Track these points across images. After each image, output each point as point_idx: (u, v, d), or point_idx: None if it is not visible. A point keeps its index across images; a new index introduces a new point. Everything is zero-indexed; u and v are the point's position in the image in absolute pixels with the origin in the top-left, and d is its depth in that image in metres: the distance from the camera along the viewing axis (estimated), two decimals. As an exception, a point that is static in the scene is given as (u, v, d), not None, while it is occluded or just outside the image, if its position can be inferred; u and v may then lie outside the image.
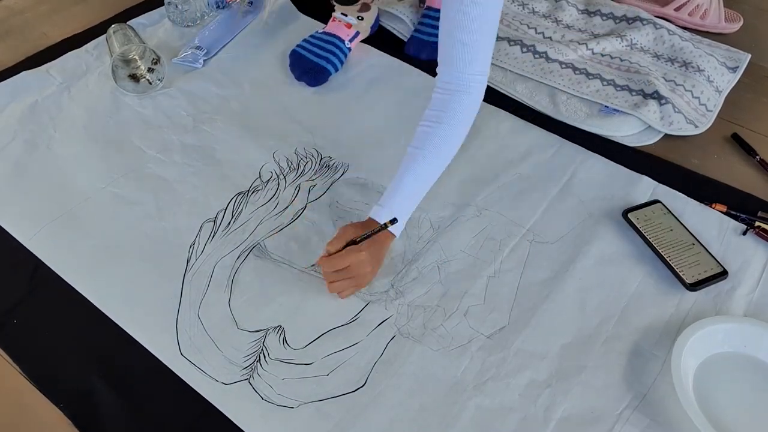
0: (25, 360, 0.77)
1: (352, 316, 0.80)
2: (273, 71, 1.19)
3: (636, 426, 0.70)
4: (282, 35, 1.27)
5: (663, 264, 0.84)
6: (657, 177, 0.98)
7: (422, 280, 0.84)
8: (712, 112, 1.11)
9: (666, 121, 1.07)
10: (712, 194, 0.96)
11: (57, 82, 1.15)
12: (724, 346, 0.76)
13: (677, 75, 1.16)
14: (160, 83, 1.14)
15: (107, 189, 0.96)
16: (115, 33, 1.17)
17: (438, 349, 0.77)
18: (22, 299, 0.83)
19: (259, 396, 0.72)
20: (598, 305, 0.82)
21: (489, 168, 0.99)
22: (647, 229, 0.87)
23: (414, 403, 0.72)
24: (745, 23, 1.34)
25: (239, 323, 0.79)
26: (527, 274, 0.85)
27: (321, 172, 0.99)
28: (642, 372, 0.75)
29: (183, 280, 0.84)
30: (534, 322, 0.80)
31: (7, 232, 0.90)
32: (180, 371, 0.75)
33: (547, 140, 1.04)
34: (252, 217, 0.92)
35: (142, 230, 0.90)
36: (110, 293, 0.83)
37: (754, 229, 0.90)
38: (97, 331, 0.79)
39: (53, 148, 1.02)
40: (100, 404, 0.72)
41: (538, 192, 0.96)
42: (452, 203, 0.94)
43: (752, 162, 1.04)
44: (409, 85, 1.15)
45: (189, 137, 1.05)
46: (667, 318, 0.80)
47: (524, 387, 0.74)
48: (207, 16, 1.32)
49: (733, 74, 1.19)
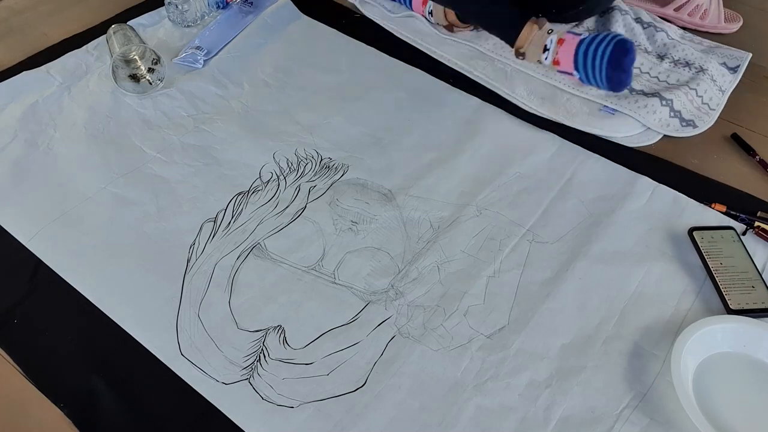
0: (25, 360, 0.77)
1: (352, 316, 0.80)
2: (273, 71, 1.19)
3: (636, 425, 0.70)
4: (282, 35, 1.28)
5: (712, 286, 0.83)
6: (657, 177, 0.98)
7: (422, 280, 0.84)
8: (714, 110, 1.11)
9: (664, 122, 1.07)
10: (711, 194, 0.96)
11: (57, 82, 1.15)
12: (723, 346, 0.76)
13: (680, 75, 1.16)
14: (160, 83, 1.14)
15: (107, 189, 0.96)
16: (116, 33, 1.18)
17: (438, 349, 0.77)
18: (22, 299, 0.83)
19: (259, 396, 0.72)
20: (598, 305, 0.82)
21: (489, 168, 0.99)
22: (708, 250, 0.86)
23: (414, 403, 0.72)
24: (745, 23, 1.34)
25: (239, 323, 0.79)
26: (527, 274, 0.85)
27: (321, 173, 0.99)
28: (642, 372, 0.75)
29: (183, 280, 0.84)
30: (534, 322, 0.80)
31: (7, 232, 0.90)
32: (180, 371, 0.75)
33: (547, 140, 1.05)
34: (252, 217, 0.92)
35: (142, 230, 0.90)
36: (110, 293, 0.83)
37: (753, 229, 0.90)
38: (97, 331, 0.79)
39: (53, 148, 1.02)
40: (100, 404, 0.72)
41: (538, 192, 0.96)
42: (452, 203, 0.94)
43: (752, 162, 1.04)
44: (410, 85, 1.15)
45: (189, 137, 1.05)
46: (667, 318, 0.80)
47: (524, 387, 0.74)
48: (207, 16, 1.32)
49: (734, 74, 1.19)
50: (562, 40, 1.05)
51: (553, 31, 1.06)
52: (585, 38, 1.03)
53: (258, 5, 1.35)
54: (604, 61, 1.01)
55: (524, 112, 1.11)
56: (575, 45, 1.04)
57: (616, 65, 0.99)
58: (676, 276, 0.85)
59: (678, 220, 0.92)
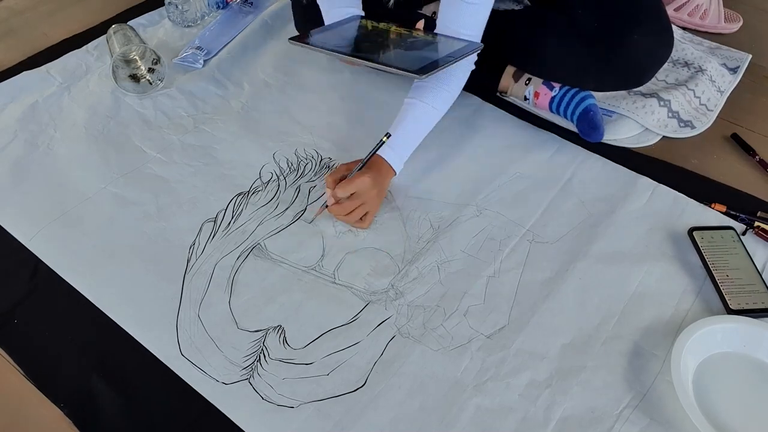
0: (25, 360, 0.77)
1: (352, 316, 0.80)
2: (273, 71, 1.19)
3: (636, 425, 0.70)
4: (282, 35, 1.28)
5: (712, 286, 0.83)
6: (657, 177, 0.98)
7: (422, 280, 0.84)
8: (712, 111, 1.11)
9: (663, 123, 1.07)
10: (711, 194, 0.96)
11: (57, 82, 1.15)
12: (723, 346, 0.76)
13: (678, 74, 1.16)
14: (160, 83, 1.14)
15: (107, 189, 0.96)
16: (116, 33, 1.18)
17: (438, 349, 0.77)
18: (22, 299, 0.83)
19: (259, 396, 0.72)
20: (598, 305, 0.82)
21: (489, 168, 0.99)
22: (708, 250, 0.86)
23: (414, 403, 0.72)
24: (745, 23, 1.34)
25: (239, 323, 0.79)
26: (527, 274, 0.85)
27: (321, 173, 0.99)
28: (642, 372, 0.75)
29: (183, 280, 0.84)
30: (534, 322, 0.80)
31: (7, 232, 0.90)
32: (180, 371, 0.75)
33: (547, 140, 1.05)
34: (252, 217, 0.92)
35: (142, 230, 0.90)
36: (110, 293, 0.83)
37: (753, 229, 0.90)
38: (97, 331, 0.79)
39: (53, 148, 1.02)
40: (100, 404, 0.72)
41: (538, 192, 0.96)
42: (452, 203, 0.94)
43: (752, 162, 1.04)
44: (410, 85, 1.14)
45: (189, 137, 1.05)
46: (667, 318, 0.80)
47: (524, 387, 0.74)
48: (207, 16, 1.32)
49: (734, 75, 1.19)
50: (538, 94, 1.07)
51: (531, 80, 1.07)
52: (555, 96, 1.05)
53: (258, 5, 1.35)
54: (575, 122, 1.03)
55: (524, 112, 1.11)
56: (548, 102, 1.06)
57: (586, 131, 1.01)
58: (676, 276, 0.85)
59: (678, 220, 0.92)
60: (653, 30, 0.93)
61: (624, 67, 0.96)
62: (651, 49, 0.95)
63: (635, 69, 0.97)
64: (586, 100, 1.01)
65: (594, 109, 1.01)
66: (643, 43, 0.93)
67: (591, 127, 1.00)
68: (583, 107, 1.01)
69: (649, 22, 0.93)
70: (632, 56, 0.94)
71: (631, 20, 0.92)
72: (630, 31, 0.92)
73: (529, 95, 1.08)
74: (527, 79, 1.07)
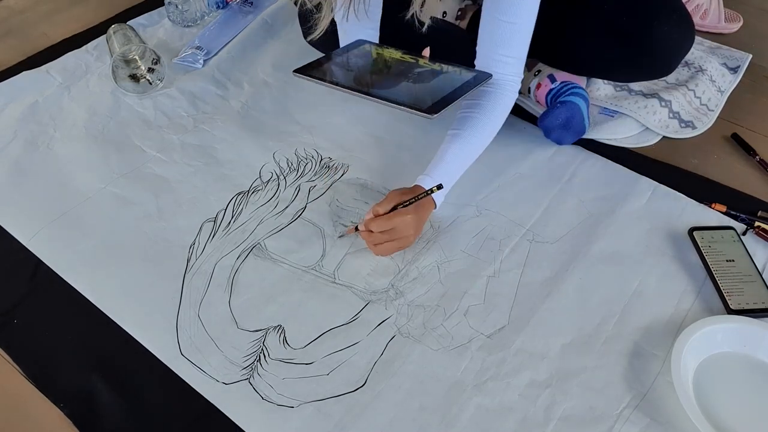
0: (25, 360, 0.77)
1: (352, 316, 0.80)
2: (273, 71, 1.19)
3: (636, 425, 0.70)
4: (282, 35, 1.28)
5: (712, 286, 0.83)
6: (657, 177, 0.98)
7: (422, 280, 0.84)
8: (713, 111, 1.11)
9: (664, 123, 1.07)
10: (711, 194, 0.96)
11: (57, 82, 1.15)
12: (723, 346, 0.76)
13: (679, 74, 1.16)
14: (160, 83, 1.15)
15: (107, 189, 0.96)
16: (116, 33, 1.18)
17: (438, 349, 0.77)
18: (22, 299, 0.83)
19: (259, 396, 0.72)
20: (598, 305, 0.82)
21: (489, 168, 0.99)
22: (708, 250, 0.86)
23: (414, 403, 0.72)
24: (745, 23, 1.34)
25: (239, 323, 0.79)
26: (527, 274, 0.85)
27: (321, 172, 0.99)
28: (642, 372, 0.75)
29: (183, 280, 0.84)
30: (534, 321, 0.80)
31: (7, 232, 0.90)
32: (180, 371, 0.74)
33: (546, 140, 1.05)
34: (252, 217, 0.92)
35: (142, 230, 0.90)
36: (110, 293, 0.83)
37: (753, 229, 0.90)
38: (97, 331, 0.79)
39: (53, 148, 1.02)
40: (100, 404, 0.72)
41: (538, 192, 0.96)
42: (452, 203, 0.94)
43: (752, 162, 1.04)
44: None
45: (189, 137, 1.05)
46: (667, 318, 0.80)
47: (524, 387, 0.74)
48: (207, 16, 1.32)
49: (734, 75, 1.19)
50: (540, 85, 1.08)
51: (541, 71, 1.08)
52: (553, 88, 1.05)
53: (258, 5, 1.35)
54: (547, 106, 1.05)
55: (524, 111, 1.11)
56: (545, 93, 1.07)
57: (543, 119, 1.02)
58: (676, 276, 0.85)
59: (678, 220, 0.92)
60: (677, 20, 0.95)
61: (653, 58, 0.97)
62: (677, 39, 0.96)
63: (663, 59, 0.98)
64: (571, 97, 1.01)
65: (572, 109, 1.00)
66: (670, 33, 0.94)
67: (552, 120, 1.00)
68: (563, 99, 1.01)
69: (673, 14, 0.95)
70: (661, 47, 0.95)
71: (658, 12, 0.94)
72: (659, 23, 0.93)
73: (532, 87, 1.09)
74: (537, 70, 1.08)
